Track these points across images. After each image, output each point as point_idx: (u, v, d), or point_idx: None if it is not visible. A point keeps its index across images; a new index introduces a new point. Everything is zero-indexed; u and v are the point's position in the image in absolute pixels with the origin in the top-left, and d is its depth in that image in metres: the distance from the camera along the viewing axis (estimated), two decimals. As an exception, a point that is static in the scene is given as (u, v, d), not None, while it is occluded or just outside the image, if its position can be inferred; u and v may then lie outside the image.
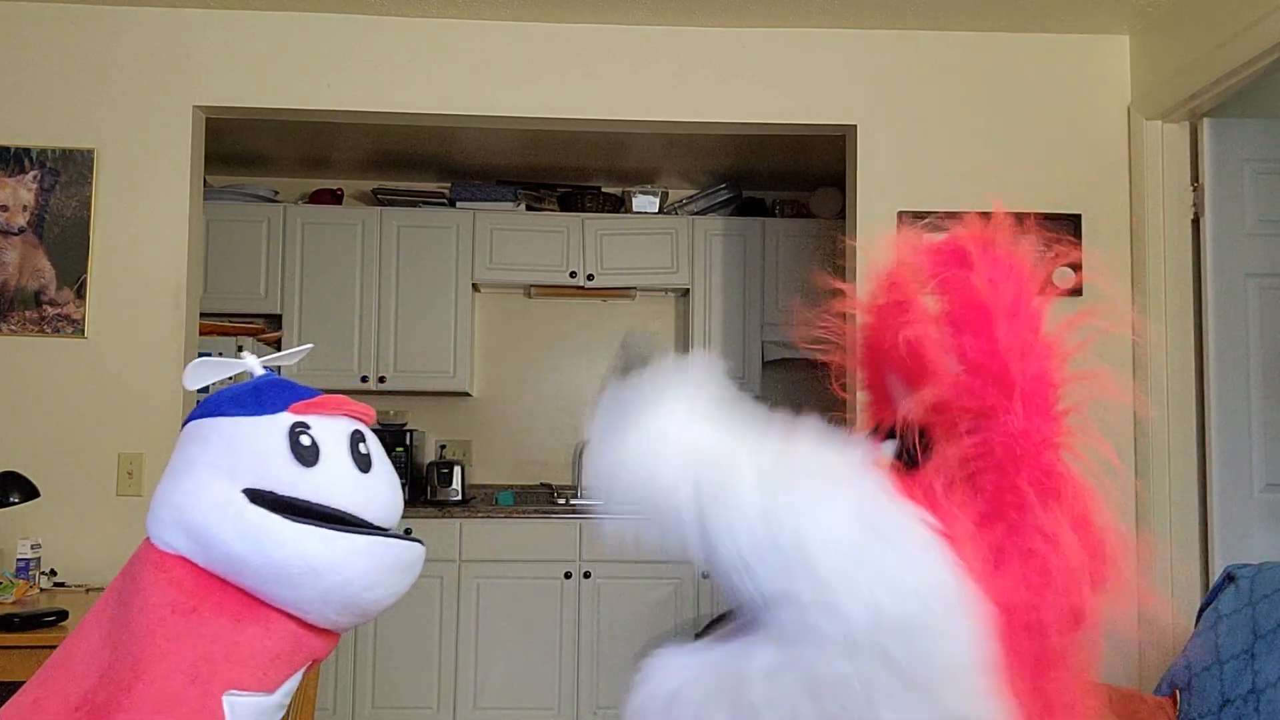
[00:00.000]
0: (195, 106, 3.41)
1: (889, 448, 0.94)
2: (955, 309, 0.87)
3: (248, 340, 4.55)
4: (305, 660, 1.13)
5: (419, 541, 1.17)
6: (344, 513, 1.10)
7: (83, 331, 3.29)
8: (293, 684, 1.13)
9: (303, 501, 1.08)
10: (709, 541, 0.83)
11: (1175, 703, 2.18)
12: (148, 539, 1.11)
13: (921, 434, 0.91)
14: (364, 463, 1.14)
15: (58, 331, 3.29)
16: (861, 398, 1.12)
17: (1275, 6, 2.73)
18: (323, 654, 1.16)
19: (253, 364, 1.21)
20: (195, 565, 1.08)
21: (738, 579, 0.82)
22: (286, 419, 1.11)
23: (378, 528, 1.13)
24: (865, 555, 0.79)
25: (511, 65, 3.48)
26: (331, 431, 1.13)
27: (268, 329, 4.77)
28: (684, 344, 5.07)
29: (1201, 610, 2.31)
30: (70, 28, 3.38)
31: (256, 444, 1.10)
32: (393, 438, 4.67)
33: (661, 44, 3.51)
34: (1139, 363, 3.39)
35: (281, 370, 1.28)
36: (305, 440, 1.10)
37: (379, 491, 1.14)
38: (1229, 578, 2.27)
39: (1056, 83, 3.52)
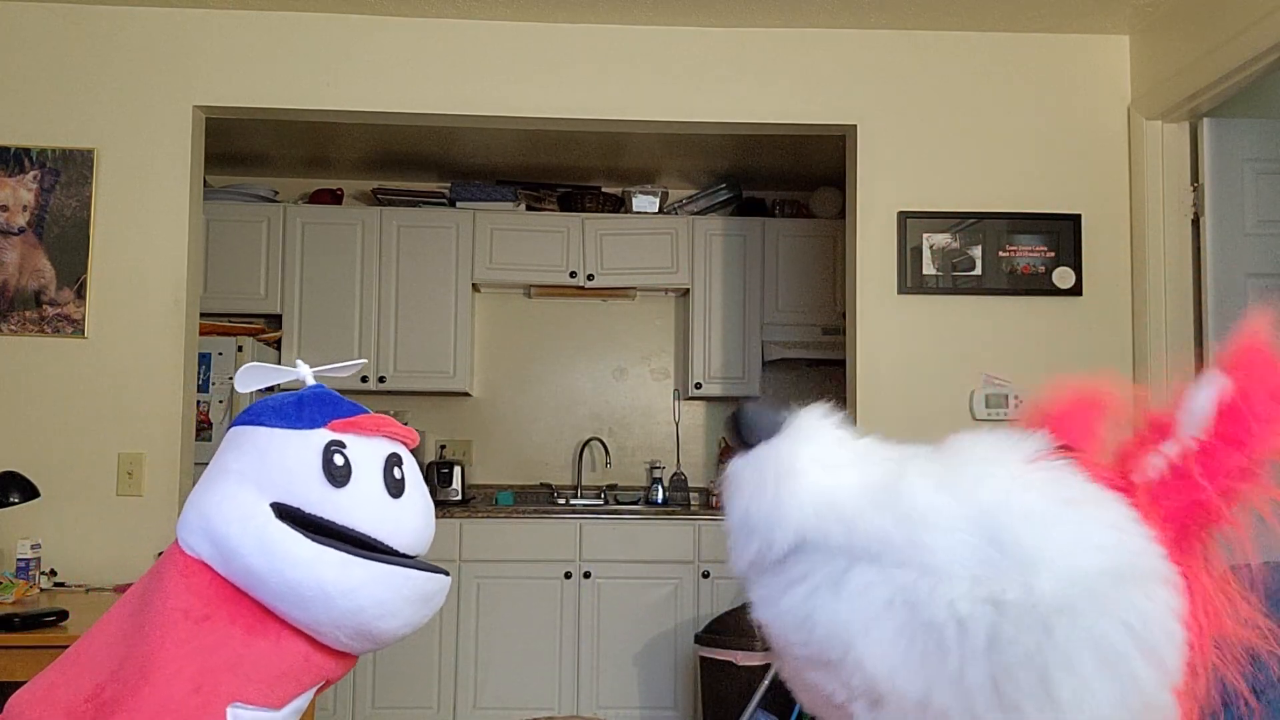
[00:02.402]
0: (195, 106, 3.40)
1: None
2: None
3: (248, 341, 4.55)
4: (316, 680, 1.12)
5: (444, 572, 1.14)
6: (369, 537, 1.08)
7: (83, 331, 3.29)
8: (301, 702, 1.11)
9: (328, 522, 1.07)
10: (906, 562, 0.81)
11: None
12: (177, 540, 1.11)
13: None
14: (397, 487, 1.12)
15: (58, 331, 3.29)
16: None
17: (1275, 6, 2.73)
18: (335, 676, 1.15)
19: (304, 373, 1.20)
20: (215, 573, 1.07)
21: (939, 587, 0.81)
22: (323, 436, 1.09)
23: (403, 555, 1.11)
24: (1059, 522, 0.79)
25: (511, 65, 3.48)
26: (367, 453, 1.11)
27: (268, 329, 4.77)
28: (684, 344, 5.07)
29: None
30: (70, 28, 3.38)
31: (289, 458, 1.08)
32: (393, 438, 4.67)
33: (661, 44, 3.51)
34: (1139, 363, 3.39)
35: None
36: (339, 460, 1.08)
37: (409, 518, 1.12)
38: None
39: (1056, 83, 3.52)
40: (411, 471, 1.16)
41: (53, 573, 3.10)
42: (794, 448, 0.85)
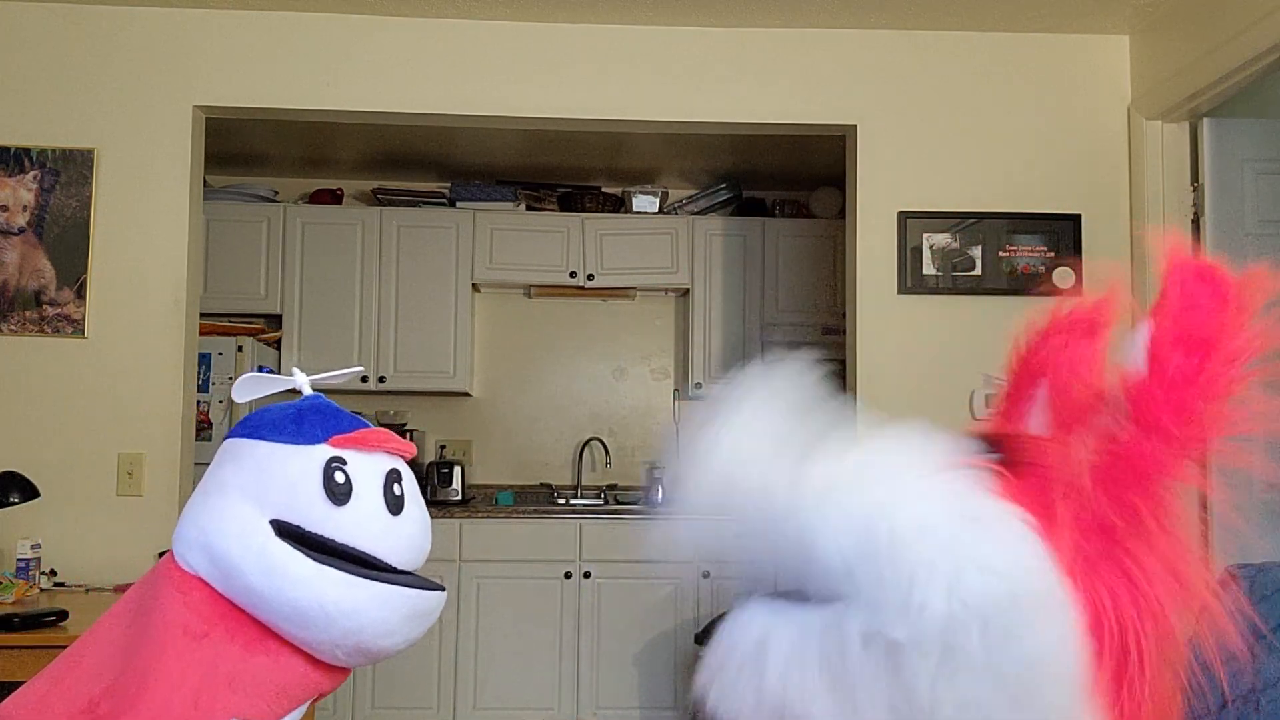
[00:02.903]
0: (195, 106, 3.40)
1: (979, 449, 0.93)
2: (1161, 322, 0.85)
3: (248, 341, 4.55)
4: (311, 694, 1.13)
5: (441, 588, 1.14)
6: (368, 555, 1.08)
7: (83, 331, 3.29)
8: (297, 714, 1.12)
9: (329, 540, 1.07)
10: (806, 546, 0.82)
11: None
12: (172, 553, 1.10)
13: (1013, 446, 0.90)
14: (396, 504, 1.11)
15: (58, 331, 3.29)
16: (999, 394, 1.12)
17: (1275, 6, 2.73)
18: (329, 689, 1.15)
19: (301, 382, 1.19)
20: (213, 589, 1.07)
21: (836, 578, 0.81)
22: (324, 453, 1.09)
23: (400, 572, 1.11)
24: (955, 540, 0.78)
25: (511, 65, 3.48)
26: (368, 470, 1.10)
27: (268, 329, 4.77)
28: (684, 344, 5.07)
29: (1201, 610, 2.31)
30: (70, 28, 3.38)
31: (290, 475, 1.08)
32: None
33: (661, 44, 3.51)
34: (1139, 363, 3.39)
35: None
36: (339, 478, 1.08)
37: (407, 536, 1.12)
38: (1230, 577, 2.27)
39: (1056, 83, 3.52)
40: (410, 487, 1.15)
41: (53, 573, 3.10)
42: (713, 440, 0.87)
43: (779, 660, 0.82)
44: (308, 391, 1.18)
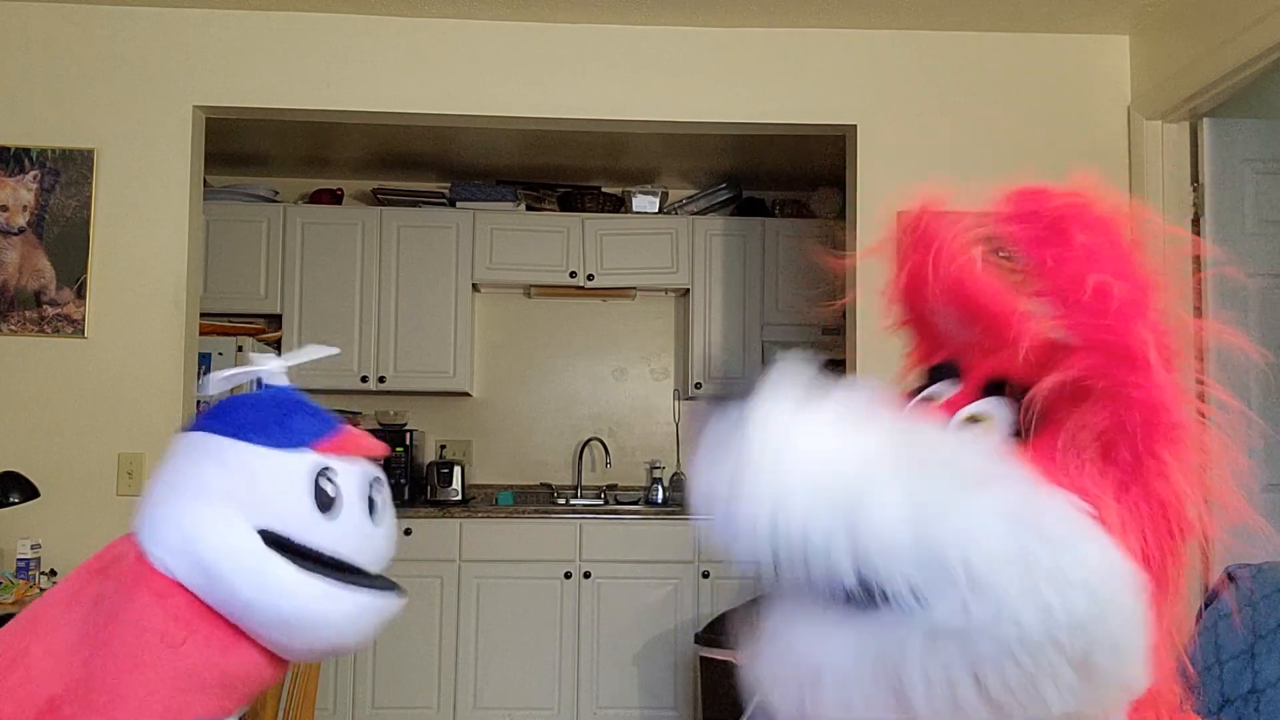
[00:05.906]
0: (195, 106, 3.40)
1: (991, 405, 0.93)
2: (1059, 282, 0.87)
3: (248, 341, 4.55)
4: (266, 687, 1.14)
5: (403, 592, 1.16)
6: (348, 562, 1.09)
7: (83, 331, 3.29)
8: (245, 707, 1.13)
9: (314, 550, 1.06)
10: (862, 565, 0.81)
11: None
12: (142, 553, 1.07)
13: (1022, 394, 0.90)
14: (374, 511, 1.12)
15: (58, 331, 3.29)
16: (902, 339, 1.13)
17: (1275, 7, 2.73)
18: (278, 680, 1.17)
19: (275, 367, 1.16)
20: (191, 594, 1.05)
21: (898, 594, 0.80)
22: (312, 461, 1.08)
23: (372, 576, 1.12)
24: (1029, 559, 0.78)
25: (511, 65, 3.48)
26: (353, 478, 1.10)
27: (268, 329, 4.77)
28: (684, 344, 5.07)
29: (1201, 610, 2.31)
30: (70, 28, 3.38)
31: (279, 484, 1.06)
32: (393, 438, 4.67)
33: (661, 44, 3.51)
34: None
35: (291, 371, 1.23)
36: (329, 488, 1.07)
37: (381, 542, 1.14)
38: (1229, 578, 2.27)
39: (1056, 83, 3.52)
40: (385, 492, 1.16)
41: (53, 573, 3.10)
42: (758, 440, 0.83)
43: (837, 686, 0.82)
44: (281, 381, 1.16)
